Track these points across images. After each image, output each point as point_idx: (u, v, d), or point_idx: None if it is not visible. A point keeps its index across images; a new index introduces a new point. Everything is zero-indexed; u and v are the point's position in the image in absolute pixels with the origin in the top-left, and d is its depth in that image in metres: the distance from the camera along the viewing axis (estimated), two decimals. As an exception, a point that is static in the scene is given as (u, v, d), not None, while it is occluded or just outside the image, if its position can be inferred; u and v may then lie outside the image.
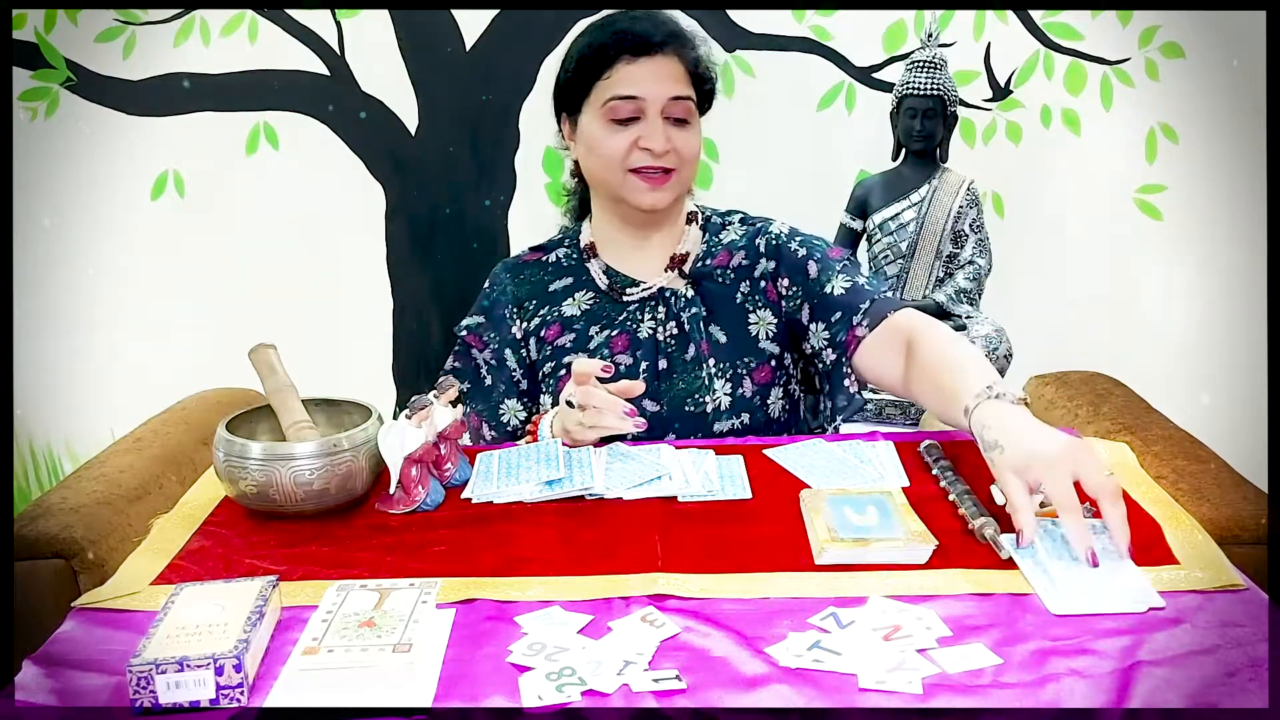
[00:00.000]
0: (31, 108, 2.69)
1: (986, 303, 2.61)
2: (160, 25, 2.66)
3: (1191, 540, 1.05)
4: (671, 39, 1.41)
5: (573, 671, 0.85)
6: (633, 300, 1.48)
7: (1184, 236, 2.74)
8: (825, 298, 1.42)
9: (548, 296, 1.51)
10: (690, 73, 1.42)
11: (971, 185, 2.55)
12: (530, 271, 1.54)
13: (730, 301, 1.47)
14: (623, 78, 1.39)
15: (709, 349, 1.44)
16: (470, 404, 1.52)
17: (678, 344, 1.45)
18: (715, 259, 1.50)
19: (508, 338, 1.51)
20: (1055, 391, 1.77)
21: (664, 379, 1.43)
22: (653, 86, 1.39)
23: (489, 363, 1.52)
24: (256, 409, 1.25)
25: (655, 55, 1.40)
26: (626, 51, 1.39)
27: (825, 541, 1.04)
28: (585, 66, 1.42)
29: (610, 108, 1.40)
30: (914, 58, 2.52)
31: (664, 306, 1.47)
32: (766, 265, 1.48)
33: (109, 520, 1.36)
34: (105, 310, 2.82)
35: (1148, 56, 2.65)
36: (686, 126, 1.41)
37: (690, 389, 1.43)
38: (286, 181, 2.75)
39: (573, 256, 1.53)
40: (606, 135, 1.41)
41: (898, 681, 0.83)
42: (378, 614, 0.91)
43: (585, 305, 1.49)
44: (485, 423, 1.51)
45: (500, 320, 1.52)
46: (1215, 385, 2.69)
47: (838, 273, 1.44)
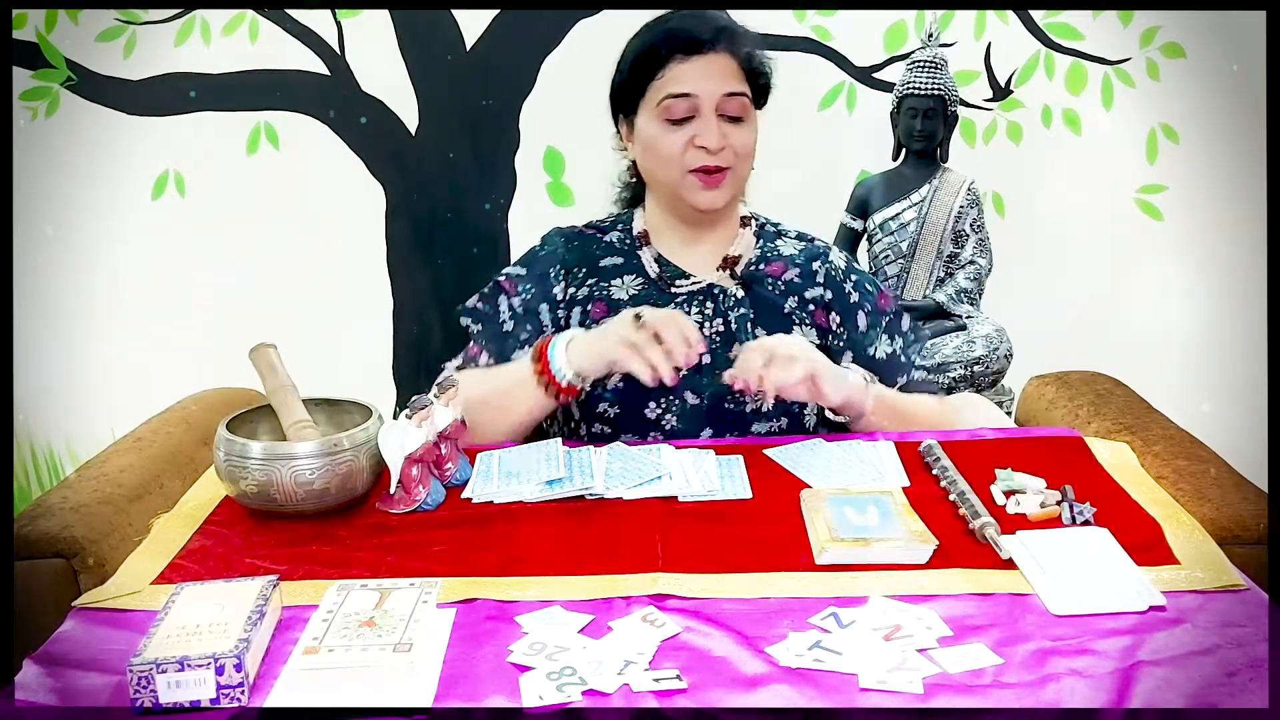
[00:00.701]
0: (32, 108, 2.69)
1: (986, 303, 2.61)
2: (160, 25, 2.67)
3: (1192, 540, 1.05)
4: (723, 35, 1.40)
5: (573, 671, 0.85)
6: (681, 292, 1.47)
7: (1184, 236, 2.74)
8: (866, 356, 1.49)
9: (598, 270, 1.50)
10: (743, 68, 1.41)
11: (972, 185, 2.55)
12: (584, 242, 1.53)
13: (778, 310, 1.47)
14: (676, 76, 1.39)
15: None
16: (478, 341, 1.50)
17: (722, 341, 1.45)
18: (768, 266, 1.50)
19: (549, 294, 1.49)
20: (1055, 391, 1.77)
21: (706, 374, 1.43)
22: (706, 84, 1.38)
23: (515, 310, 1.49)
24: (256, 409, 1.25)
25: (707, 53, 1.39)
26: (678, 50, 1.39)
27: (826, 541, 1.04)
28: (639, 67, 1.42)
29: (665, 107, 1.40)
30: (914, 58, 2.52)
31: (711, 303, 1.46)
32: (821, 293, 1.49)
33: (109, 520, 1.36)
34: (105, 310, 2.82)
35: (1148, 56, 2.65)
36: (741, 123, 1.41)
37: (731, 387, 1.43)
38: (286, 181, 2.75)
39: (625, 241, 1.52)
40: (662, 134, 1.41)
41: (898, 681, 0.83)
42: (378, 614, 0.91)
43: (633, 290, 1.48)
44: (490, 358, 1.48)
45: (543, 277, 1.50)
46: (1215, 385, 2.69)
47: (882, 332, 1.51)
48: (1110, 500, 1.14)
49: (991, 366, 2.47)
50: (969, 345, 2.46)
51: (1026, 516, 1.10)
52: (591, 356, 1.32)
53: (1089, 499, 1.12)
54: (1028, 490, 1.15)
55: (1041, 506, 1.11)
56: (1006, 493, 1.15)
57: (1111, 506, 1.12)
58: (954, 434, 1.37)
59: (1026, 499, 1.12)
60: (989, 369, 2.47)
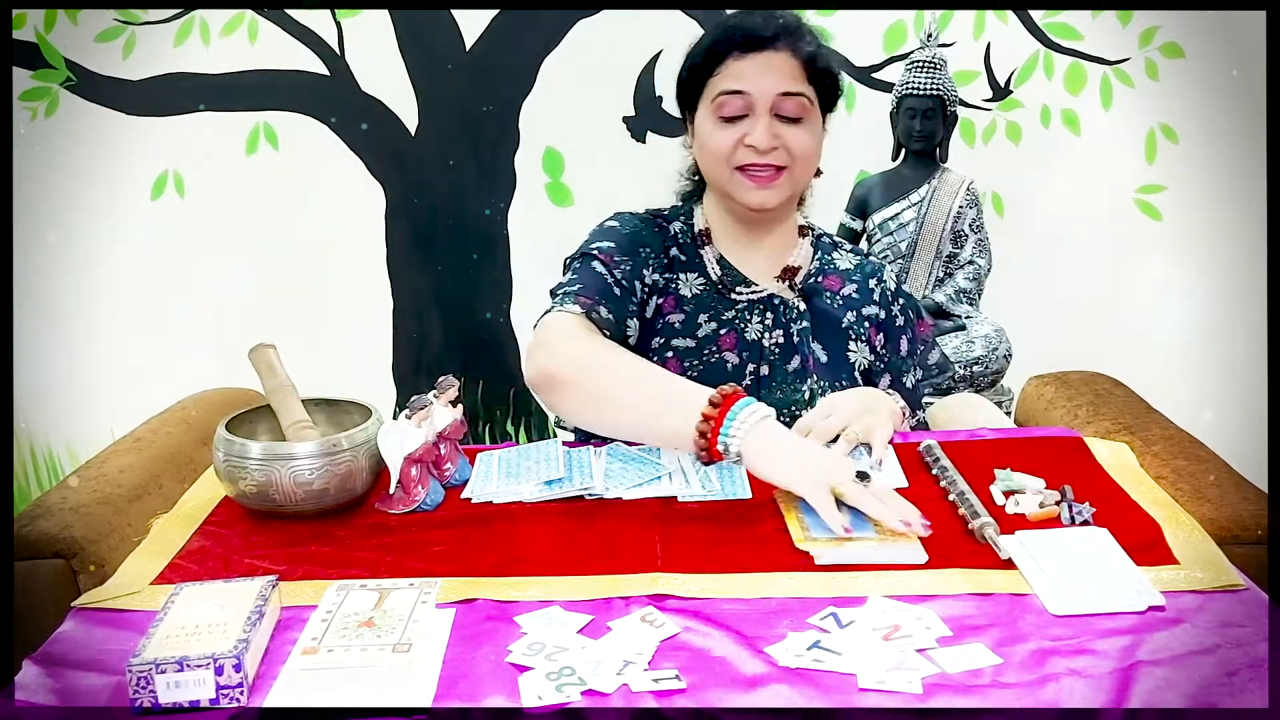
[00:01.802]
0: (31, 108, 2.69)
1: (986, 303, 2.61)
2: (160, 25, 2.67)
3: (1191, 540, 1.05)
4: (783, 34, 1.37)
5: (572, 671, 0.85)
6: (741, 299, 1.44)
7: (1184, 237, 2.74)
8: (899, 381, 1.50)
9: (669, 261, 1.45)
10: (806, 69, 1.38)
11: (971, 185, 2.55)
12: (659, 229, 1.47)
13: (836, 324, 1.46)
14: (731, 73, 1.36)
15: (813, 364, 1.43)
16: (590, 294, 1.34)
17: (782, 353, 1.43)
18: (826, 279, 1.49)
19: (641, 273, 1.40)
20: (1055, 391, 1.77)
21: (764, 385, 1.41)
22: (761, 81, 1.35)
23: (620, 282, 1.37)
24: (256, 409, 1.25)
25: (766, 50, 1.36)
26: (737, 47, 1.36)
27: (800, 541, 1.05)
28: (699, 63, 1.40)
29: (718, 103, 1.37)
30: (914, 58, 2.52)
31: (772, 313, 1.44)
32: (876, 311, 1.49)
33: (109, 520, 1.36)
34: (105, 310, 2.82)
35: (1147, 57, 2.65)
36: (799, 124, 1.37)
37: (788, 400, 1.40)
38: (286, 181, 2.75)
39: (687, 236, 1.48)
40: (714, 131, 1.38)
41: (897, 681, 0.83)
42: (377, 614, 0.91)
43: (696, 290, 1.44)
44: (605, 330, 1.33)
45: (634, 254, 1.41)
46: (1214, 385, 2.69)
47: (916, 360, 1.53)
48: (1109, 500, 1.14)
49: (991, 367, 2.47)
50: (968, 345, 2.46)
51: (1026, 516, 1.10)
52: (790, 462, 1.11)
53: (1088, 499, 1.12)
54: (1027, 490, 1.15)
55: (1041, 506, 1.11)
56: (1006, 493, 1.15)
57: (1111, 507, 1.13)
58: (954, 434, 1.37)
59: (1026, 499, 1.12)
60: (988, 369, 2.47)
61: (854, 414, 1.28)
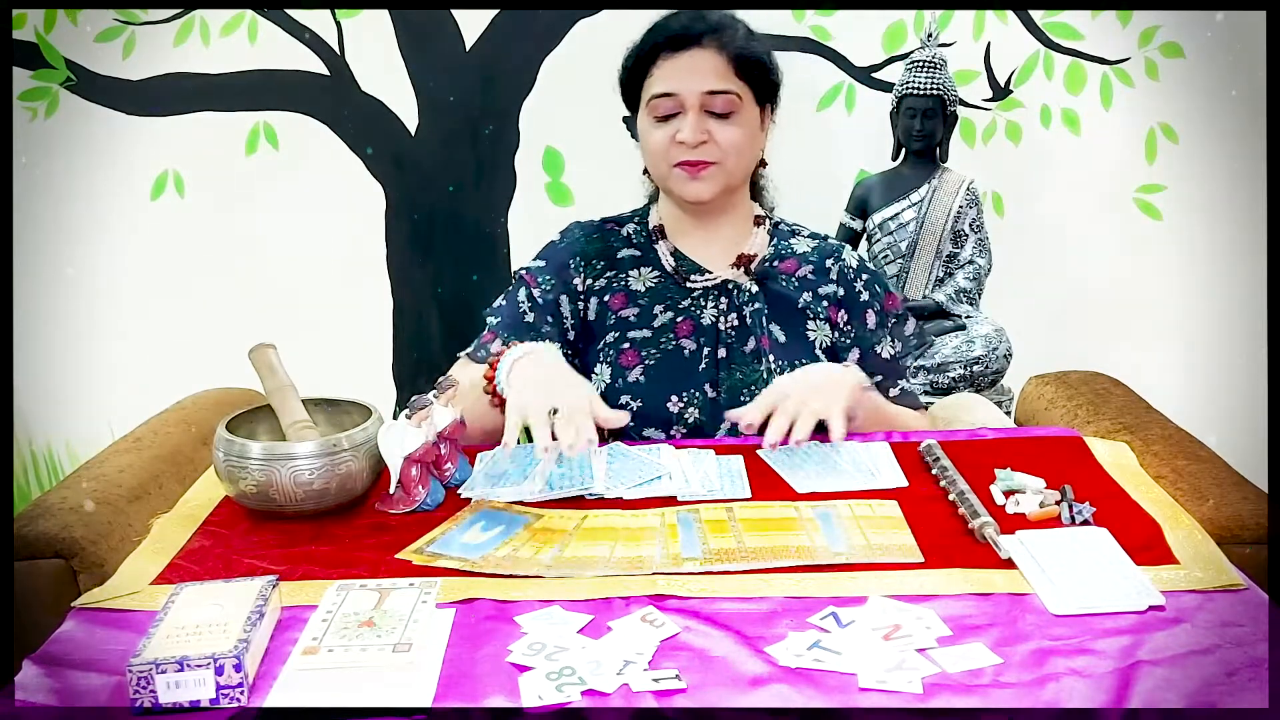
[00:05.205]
0: (31, 108, 2.69)
1: (986, 303, 2.61)
2: (160, 25, 2.66)
3: (1191, 540, 1.05)
4: (710, 32, 1.41)
5: (572, 671, 0.85)
6: (696, 287, 1.49)
7: (1184, 236, 2.74)
8: (871, 354, 1.51)
9: (616, 262, 1.53)
10: (734, 65, 1.41)
11: (971, 185, 2.55)
12: (603, 235, 1.55)
13: (792, 305, 1.49)
14: (662, 74, 1.42)
15: (769, 344, 1.47)
16: (495, 329, 1.48)
17: (738, 336, 1.47)
18: (782, 264, 1.52)
19: (569, 286, 1.50)
20: (1055, 391, 1.77)
21: (723, 368, 1.46)
22: (688, 81, 1.40)
23: (535, 301, 1.49)
24: (256, 409, 1.25)
25: (692, 49, 1.40)
26: (665, 48, 1.41)
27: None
28: (633, 67, 1.45)
29: (653, 105, 1.42)
30: (914, 58, 2.52)
31: (726, 298, 1.48)
32: (834, 290, 1.51)
33: (109, 520, 1.36)
34: (105, 310, 2.82)
35: (1147, 56, 2.65)
36: (729, 119, 1.41)
37: (748, 380, 1.45)
38: (286, 181, 2.75)
39: (641, 234, 1.54)
40: (651, 130, 1.44)
41: (898, 681, 0.84)
42: (377, 614, 0.91)
43: (650, 283, 1.50)
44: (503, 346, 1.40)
45: (563, 267, 1.51)
46: (1215, 385, 2.69)
47: (889, 333, 1.53)
48: (1109, 500, 1.14)
49: (991, 366, 2.47)
50: (968, 345, 2.46)
51: (1026, 516, 1.10)
52: (519, 390, 1.24)
53: (1088, 499, 1.12)
54: (1027, 490, 1.15)
55: (1041, 506, 1.11)
56: (1006, 492, 1.15)
57: (1111, 506, 1.13)
58: (954, 434, 1.37)
59: (1026, 499, 1.13)
60: (988, 369, 2.47)
61: (801, 399, 1.27)
